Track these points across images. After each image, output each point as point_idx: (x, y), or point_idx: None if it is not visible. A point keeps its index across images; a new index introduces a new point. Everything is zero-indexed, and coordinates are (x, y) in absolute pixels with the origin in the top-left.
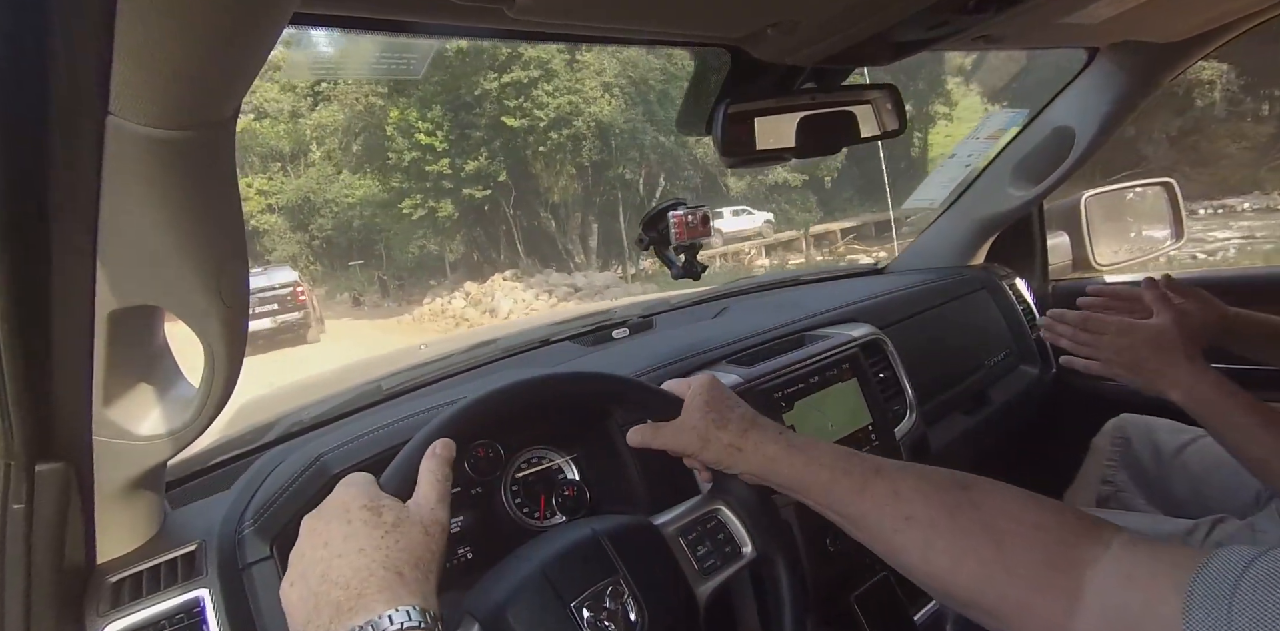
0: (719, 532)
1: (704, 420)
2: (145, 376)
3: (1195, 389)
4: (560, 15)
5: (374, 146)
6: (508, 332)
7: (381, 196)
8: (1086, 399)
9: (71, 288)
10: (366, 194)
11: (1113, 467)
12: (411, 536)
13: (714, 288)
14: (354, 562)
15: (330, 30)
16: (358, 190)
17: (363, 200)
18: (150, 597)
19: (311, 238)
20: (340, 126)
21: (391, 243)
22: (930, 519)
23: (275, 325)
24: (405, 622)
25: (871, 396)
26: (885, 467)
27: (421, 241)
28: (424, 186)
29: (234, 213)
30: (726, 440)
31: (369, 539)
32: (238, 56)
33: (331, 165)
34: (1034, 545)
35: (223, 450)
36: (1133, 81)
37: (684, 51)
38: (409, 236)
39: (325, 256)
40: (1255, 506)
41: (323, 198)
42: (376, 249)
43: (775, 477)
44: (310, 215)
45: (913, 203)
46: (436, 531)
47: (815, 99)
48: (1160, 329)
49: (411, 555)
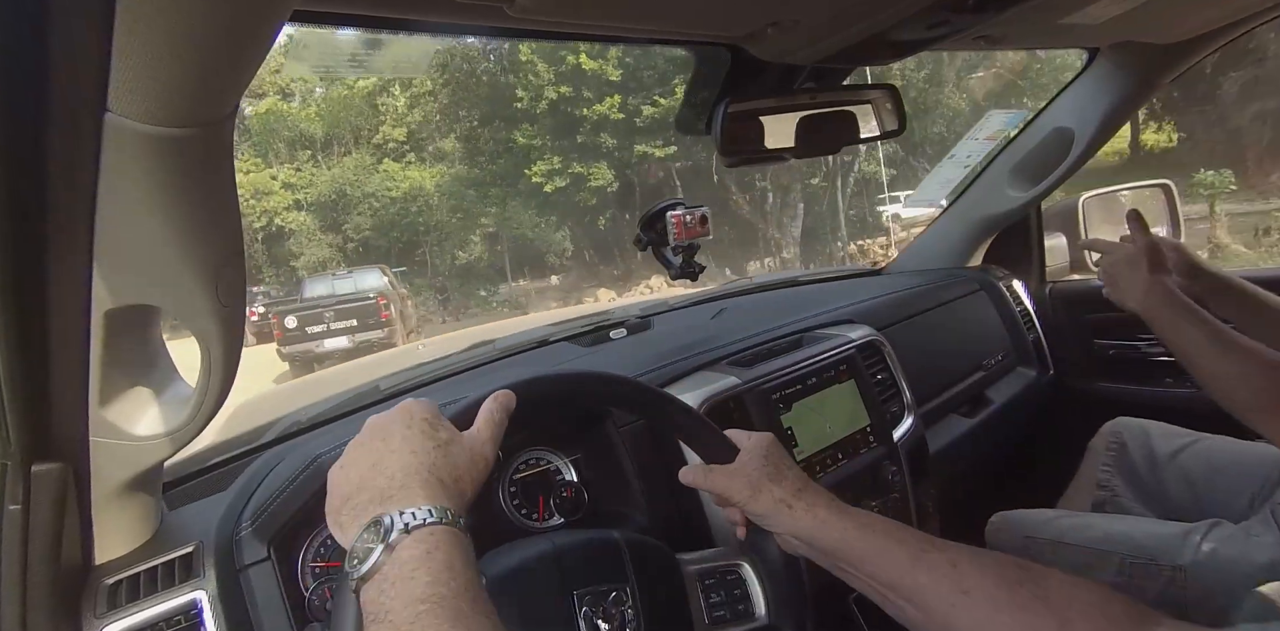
0: (736, 587)
1: (759, 470)
2: (142, 376)
3: (1149, 299)
4: (560, 14)
5: (495, 88)
6: (506, 332)
7: (466, 174)
8: (1084, 401)
9: (68, 286)
10: (414, 185)
11: (1108, 471)
12: (459, 457)
13: (712, 288)
14: (404, 460)
15: (330, 28)
16: (403, 183)
17: (409, 193)
18: (147, 599)
19: (345, 239)
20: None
21: (450, 240)
22: (990, 594)
23: (352, 346)
24: (443, 519)
25: (869, 398)
26: (939, 541)
27: (535, 227)
28: (573, 142)
29: (232, 211)
30: (778, 495)
31: (422, 445)
32: (237, 54)
33: (404, 130)
34: (1095, 625)
35: (220, 451)
36: (1133, 82)
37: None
38: (520, 219)
39: (358, 263)
40: (1250, 510)
41: (361, 191)
42: (419, 254)
43: (823, 541)
44: (345, 212)
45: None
46: (481, 463)
47: (815, 98)
48: (1134, 251)
49: (455, 471)
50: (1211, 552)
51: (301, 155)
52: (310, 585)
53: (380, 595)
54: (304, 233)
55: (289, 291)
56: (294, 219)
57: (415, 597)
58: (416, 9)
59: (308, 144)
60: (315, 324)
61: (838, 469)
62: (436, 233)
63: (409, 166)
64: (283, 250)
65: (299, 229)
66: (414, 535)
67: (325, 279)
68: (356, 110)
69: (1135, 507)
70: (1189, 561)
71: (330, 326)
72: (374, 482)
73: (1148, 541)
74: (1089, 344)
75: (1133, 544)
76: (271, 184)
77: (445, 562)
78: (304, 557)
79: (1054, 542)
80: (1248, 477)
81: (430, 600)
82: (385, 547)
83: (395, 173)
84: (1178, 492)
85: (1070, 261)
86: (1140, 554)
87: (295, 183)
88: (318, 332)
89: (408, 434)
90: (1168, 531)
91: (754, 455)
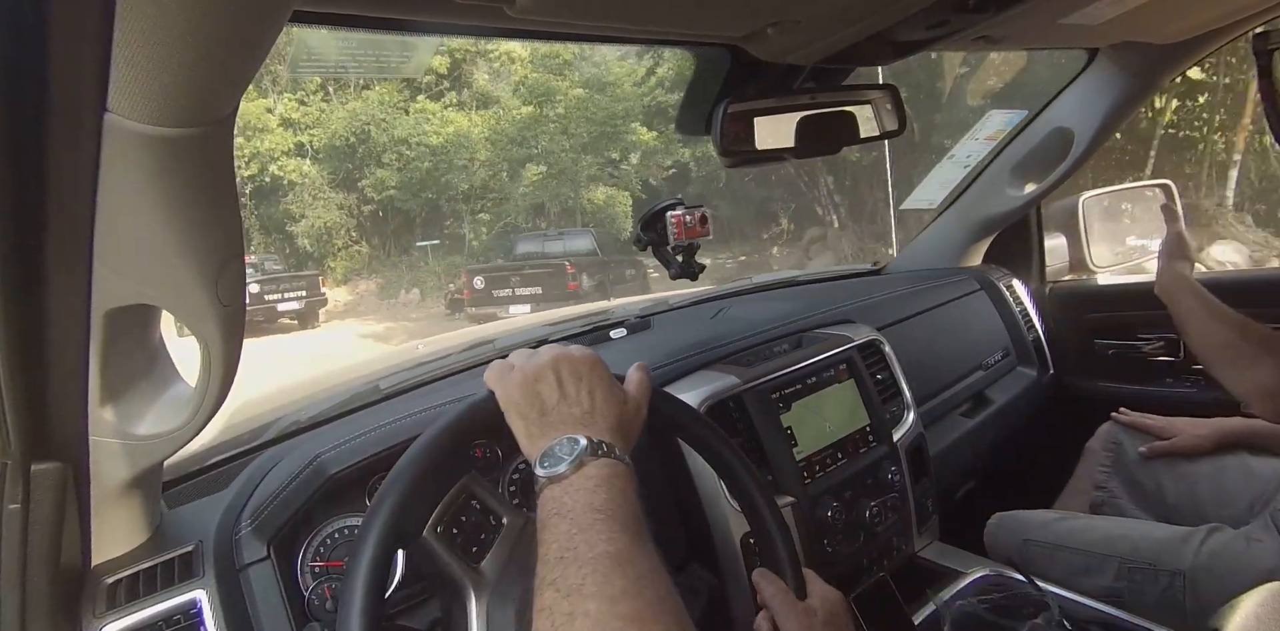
0: None
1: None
2: (142, 375)
3: (1161, 278)
4: (560, 14)
5: None
6: (505, 332)
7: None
8: (1084, 401)
9: (68, 285)
10: (459, 132)
11: (1106, 473)
12: (630, 412)
13: (712, 288)
14: (597, 400)
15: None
16: (444, 128)
17: (450, 141)
18: (147, 599)
19: (362, 199)
20: None
21: (502, 206)
22: None
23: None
24: (623, 458)
25: (869, 398)
26: None
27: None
28: None
29: (232, 211)
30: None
31: (610, 393)
32: (237, 54)
33: (446, 59)
34: None
35: (220, 450)
36: (1132, 82)
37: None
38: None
39: (376, 232)
40: (1249, 513)
41: (389, 135)
42: (450, 224)
43: None
44: (364, 163)
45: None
46: (639, 423)
47: (815, 98)
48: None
49: (627, 425)
50: (1211, 557)
51: (309, 84)
52: (310, 584)
53: (564, 495)
54: (307, 187)
55: (291, 265)
56: (294, 168)
57: (594, 506)
58: (416, 9)
59: None
60: (501, 287)
61: (837, 468)
62: (488, 198)
63: (449, 109)
64: (276, 210)
65: (300, 182)
66: (601, 460)
67: (537, 238)
68: None
69: (1132, 509)
70: (1189, 566)
71: (515, 291)
72: (569, 409)
73: (1147, 545)
74: (1089, 344)
75: (1132, 547)
76: (267, 119)
77: (621, 489)
78: (303, 557)
79: (1053, 546)
80: (1246, 481)
81: (606, 511)
82: (577, 461)
83: (434, 114)
84: (1175, 495)
85: (1070, 261)
86: (1139, 558)
87: (299, 120)
88: (503, 297)
89: (594, 377)
90: (1167, 535)
91: (824, 613)
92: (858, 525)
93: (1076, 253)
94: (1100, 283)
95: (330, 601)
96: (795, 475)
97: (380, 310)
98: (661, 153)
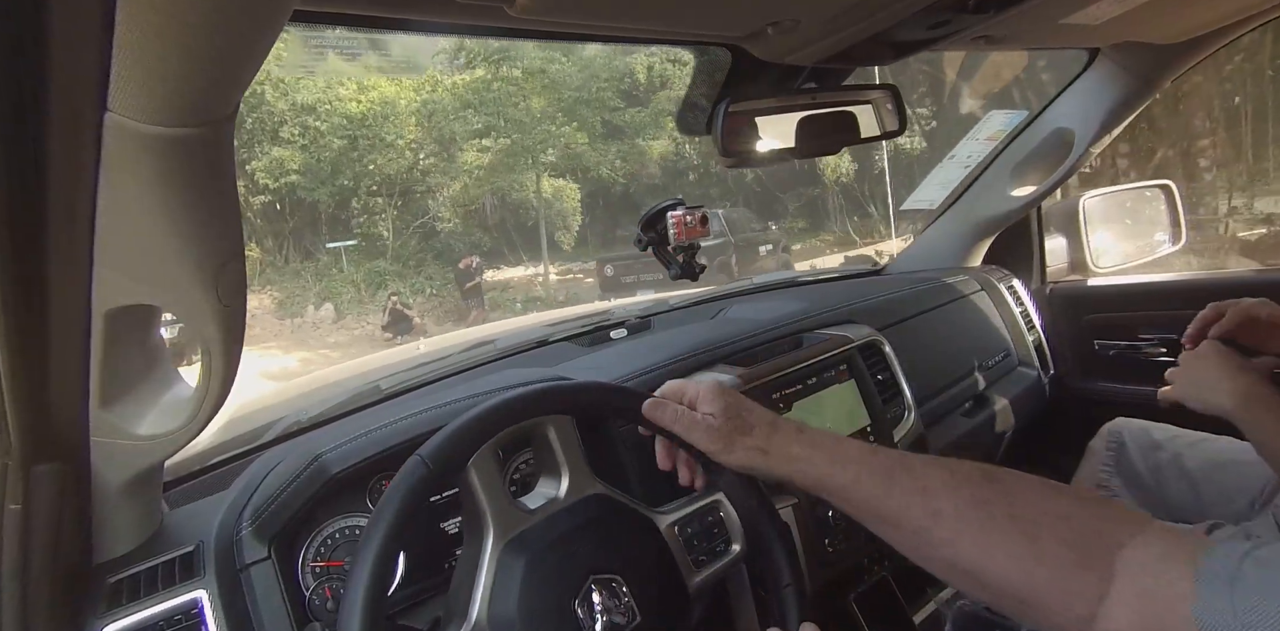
0: (715, 526)
1: (728, 425)
2: (142, 376)
3: (1238, 400)
4: (561, 14)
5: None
6: (505, 332)
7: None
8: (1084, 401)
9: (69, 285)
10: (383, 100)
11: (1108, 472)
12: None
13: (712, 288)
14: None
15: (332, 28)
16: (365, 94)
17: (373, 111)
18: (148, 598)
19: (252, 187)
20: None
21: (434, 199)
22: (960, 513)
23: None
24: None
25: (870, 398)
26: (911, 462)
27: None
28: None
29: (233, 211)
30: (750, 444)
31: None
32: (238, 53)
33: None
34: (1063, 536)
35: (221, 450)
36: (1133, 82)
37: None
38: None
39: (271, 231)
40: (1251, 511)
41: (290, 101)
42: (367, 220)
43: (801, 479)
44: (256, 139)
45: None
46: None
47: (815, 98)
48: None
49: None
50: None
51: None
52: (310, 584)
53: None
54: None
55: None
56: None
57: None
58: (416, 9)
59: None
60: (627, 274)
61: None
62: (418, 188)
63: (370, 71)
64: None
65: None
66: None
67: None
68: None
69: (1135, 508)
70: None
71: (640, 277)
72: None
73: None
74: (1089, 344)
75: None
76: None
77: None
78: (304, 557)
79: None
80: (1248, 479)
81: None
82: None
83: (348, 76)
84: (1177, 493)
85: (1070, 262)
86: None
87: None
88: (630, 282)
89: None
90: None
91: (718, 409)
92: (858, 525)
93: (1077, 253)
94: (1101, 283)
95: (331, 601)
96: None
97: (284, 334)
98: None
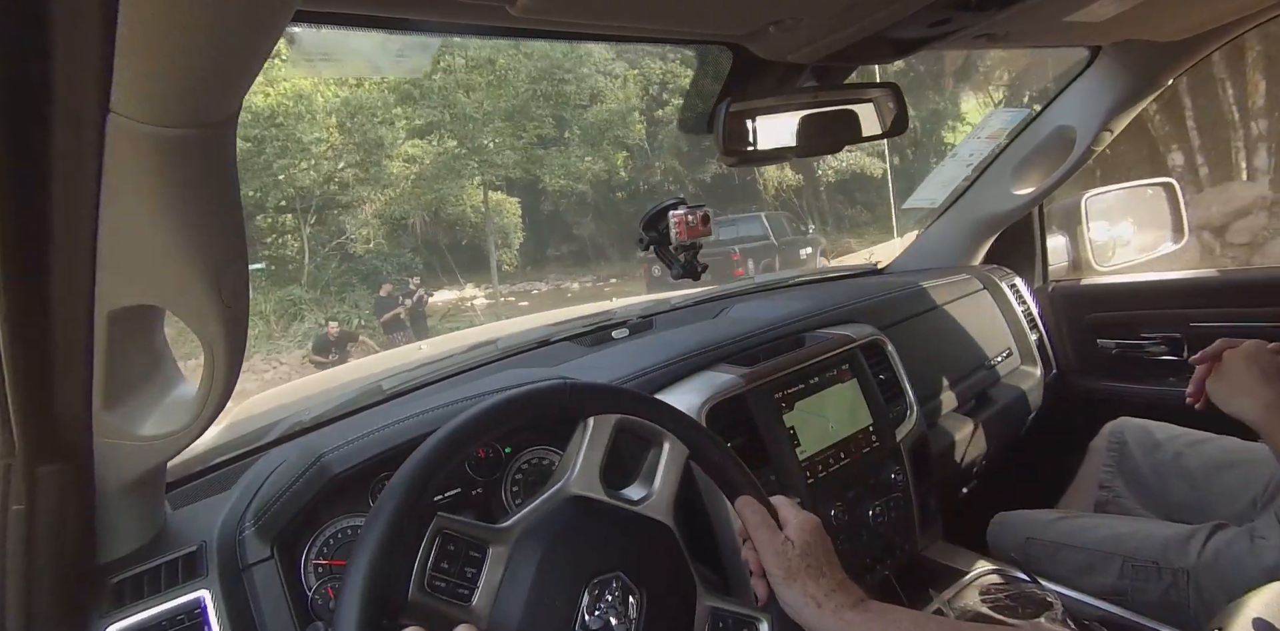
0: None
1: (801, 560)
2: (145, 376)
3: (1262, 409)
4: (562, 13)
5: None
6: (507, 332)
7: None
8: (1086, 400)
9: (72, 286)
10: (294, 91)
11: (1110, 472)
12: None
13: (714, 288)
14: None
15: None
16: (281, 83)
17: (291, 101)
18: (152, 598)
19: None
20: None
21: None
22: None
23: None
24: None
25: (872, 397)
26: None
27: None
28: None
29: (235, 211)
30: (811, 591)
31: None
32: (240, 54)
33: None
34: None
35: (223, 451)
36: (1135, 81)
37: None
38: None
39: None
40: (1253, 511)
41: None
42: (277, 242)
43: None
44: None
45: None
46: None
47: (817, 97)
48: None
49: None
50: (1215, 555)
51: None
52: (313, 584)
53: None
54: None
55: None
56: None
57: None
58: (418, 9)
59: None
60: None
61: (840, 468)
62: (338, 201)
63: (282, 62)
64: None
65: None
66: None
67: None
68: None
69: (1137, 508)
70: (1192, 564)
71: None
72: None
73: (1150, 543)
74: (1091, 343)
75: (1135, 546)
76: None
77: None
78: (307, 556)
79: (1055, 544)
80: (1251, 479)
81: None
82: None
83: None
84: (1180, 493)
85: (1072, 260)
86: (1143, 556)
87: None
88: (677, 281)
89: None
90: (1170, 533)
91: (800, 543)
92: (861, 525)
93: (1078, 252)
94: (1103, 282)
95: (334, 601)
96: (798, 475)
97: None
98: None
